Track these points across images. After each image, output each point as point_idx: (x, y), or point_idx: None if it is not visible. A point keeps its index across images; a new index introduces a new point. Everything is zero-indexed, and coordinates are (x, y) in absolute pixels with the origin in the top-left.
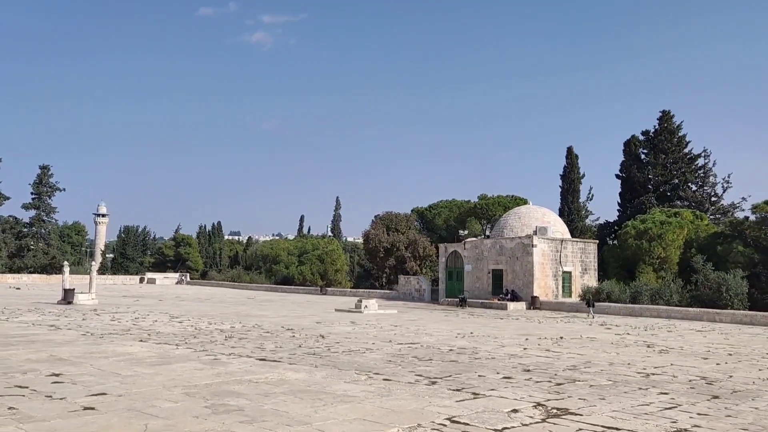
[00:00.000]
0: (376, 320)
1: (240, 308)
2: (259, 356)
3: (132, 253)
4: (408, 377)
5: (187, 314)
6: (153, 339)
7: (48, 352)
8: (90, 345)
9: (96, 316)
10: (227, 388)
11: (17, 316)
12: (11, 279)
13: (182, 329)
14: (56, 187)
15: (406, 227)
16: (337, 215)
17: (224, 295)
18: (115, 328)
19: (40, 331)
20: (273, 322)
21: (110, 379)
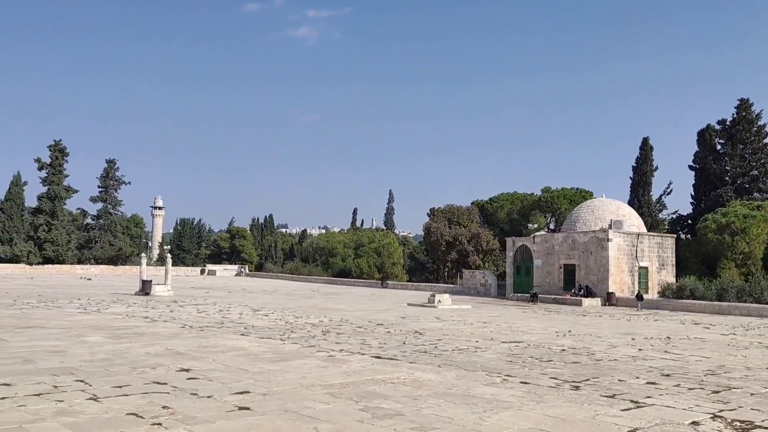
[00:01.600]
0: (458, 316)
1: (312, 301)
2: (372, 353)
3: (188, 245)
4: (543, 380)
5: (266, 307)
6: (253, 333)
7: (161, 345)
8: (197, 338)
9: (180, 308)
10: (367, 389)
11: (106, 307)
12: (80, 270)
13: (273, 323)
14: (122, 180)
15: (468, 220)
16: (390, 208)
17: (287, 287)
18: (208, 321)
19: (138, 323)
20: (357, 317)
21: (242, 376)
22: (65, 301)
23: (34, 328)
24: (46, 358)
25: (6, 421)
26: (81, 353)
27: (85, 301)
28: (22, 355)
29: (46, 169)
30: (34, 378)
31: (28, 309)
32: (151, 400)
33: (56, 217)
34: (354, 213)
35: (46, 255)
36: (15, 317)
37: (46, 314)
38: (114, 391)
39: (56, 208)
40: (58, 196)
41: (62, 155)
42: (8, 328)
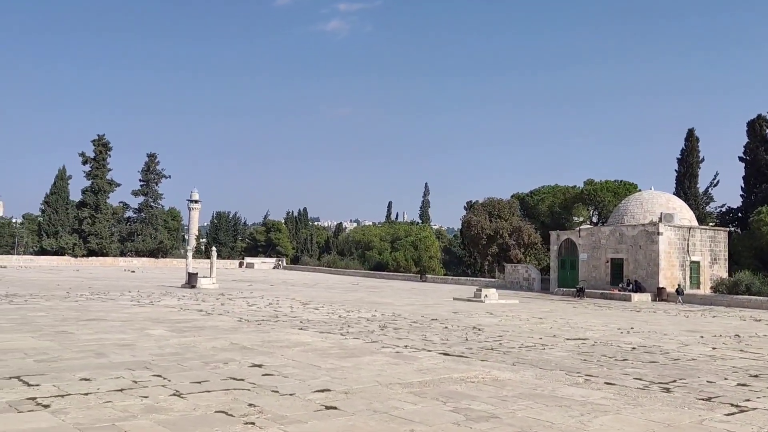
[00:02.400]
0: (508, 311)
1: (356, 294)
2: (439, 350)
3: (224, 237)
4: (627, 381)
5: (314, 300)
6: (311, 327)
7: (224, 339)
8: (257, 333)
9: (229, 301)
10: (449, 388)
11: (158, 300)
12: (123, 262)
13: (326, 317)
14: (162, 174)
15: (509, 214)
16: (426, 201)
17: (326, 280)
18: (262, 314)
19: (194, 316)
20: (407, 311)
21: (316, 372)
22: (116, 293)
23: (96, 321)
24: (116, 351)
25: (98, 418)
26: (149, 347)
27: (136, 293)
28: (93, 348)
29: (90, 164)
30: (111, 372)
31: (84, 301)
32: (234, 397)
33: (100, 211)
34: (389, 206)
35: (90, 247)
36: (74, 309)
37: (102, 306)
38: (194, 387)
39: (100, 201)
40: (102, 190)
41: (105, 149)
42: (71, 321)
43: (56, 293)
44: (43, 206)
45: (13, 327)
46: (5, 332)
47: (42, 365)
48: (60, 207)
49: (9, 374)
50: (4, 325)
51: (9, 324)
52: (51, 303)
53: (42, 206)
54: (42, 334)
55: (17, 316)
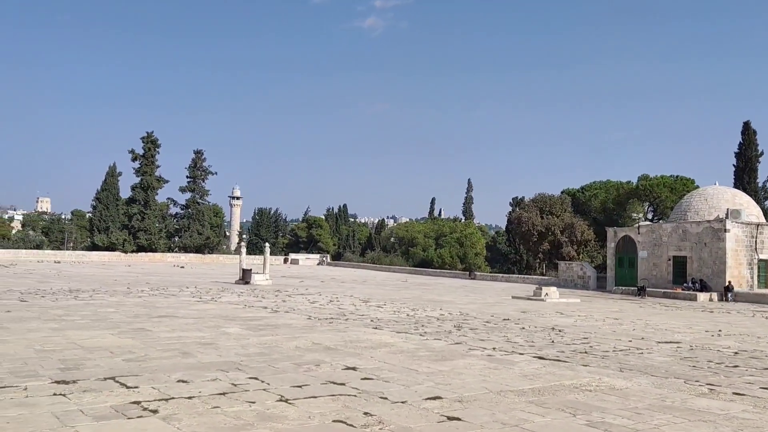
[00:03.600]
0: (576, 310)
1: (412, 292)
2: (531, 353)
3: (265, 234)
4: (755, 390)
5: (373, 298)
6: (385, 327)
7: (304, 338)
8: (334, 332)
9: (289, 297)
10: (567, 398)
11: (218, 296)
12: (171, 258)
13: (394, 315)
14: (209, 170)
15: (561, 210)
16: (469, 197)
17: (374, 277)
18: (329, 312)
19: (261, 313)
20: (473, 310)
21: (416, 377)
22: (175, 289)
23: (168, 318)
24: (201, 351)
25: (213, 426)
26: (231, 346)
27: (194, 289)
28: (176, 347)
29: (138, 160)
30: (204, 374)
31: (147, 297)
32: (344, 404)
33: (149, 207)
34: (432, 203)
35: (139, 243)
36: (141, 306)
37: (168, 303)
38: (297, 392)
39: (149, 197)
40: (151, 186)
41: (154, 146)
42: (143, 318)
43: (117, 289)
44: (94, 203)
45: (89, 324)
46: (83, 329)
47: (132, 365)
48: (110, 203)
49: (103, 375)
50: (80, 321)
51: (84, 320)
52: (116, 299)
53: (93, 203)
54: (120, 332)
55: (89, 312)
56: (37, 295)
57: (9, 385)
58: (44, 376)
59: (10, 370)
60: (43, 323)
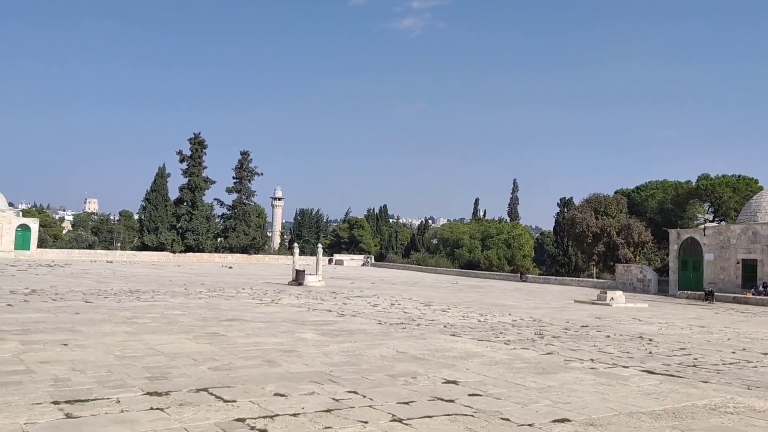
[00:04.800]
0: (656, 317)
1: (468, 295)
2: (637, 366)
3: (307, 234)
4: None
5: (433, 302)
6: (464, 334)
7: (384, 346)
8: (413, 339)
9: (348, 300)
10: (711, 422)
11: (278, 298)
12: (218, 258)
13: (465, 320)
14: (255, 171)
15: (617, 211)
16: (515, 198)
17: (422, 279)
18: (396, 316)
19: (328, 317)
20: (543, 315)
21: (527, 393)
22: (231, 290)
23: (238, 322)
24: (284, 359)
25: None
26: (314, 354)
27: (250, 290)
28: (257, 354)
29: (186, 161)
30: (298, 386)
31: (208, 298)
32: (465, 426)
33: (196, 207)
34: (475, 203)
35: (187, 243)
36: (205, 308)
37: (230, 305)
38: (407, 410)
39: (196, 198)
40: (198, 187)
41: (201, 147)
42: (212, 321)
43: (175, 290)
44: (144, 203)
45: (161, 327)
46: (157, 333)
47: (220, 375)
48: (160, 204)
49: (194, 386)
50: (151, 325)
51: (155, 324)
52: (178, 300)
53: (143, 203)
54: (195, 337)
55: (156, 315)
56: (100, 296)
57: (100, 397)
58: (134, 387)
59: (96, 379)
60: (116, 326)
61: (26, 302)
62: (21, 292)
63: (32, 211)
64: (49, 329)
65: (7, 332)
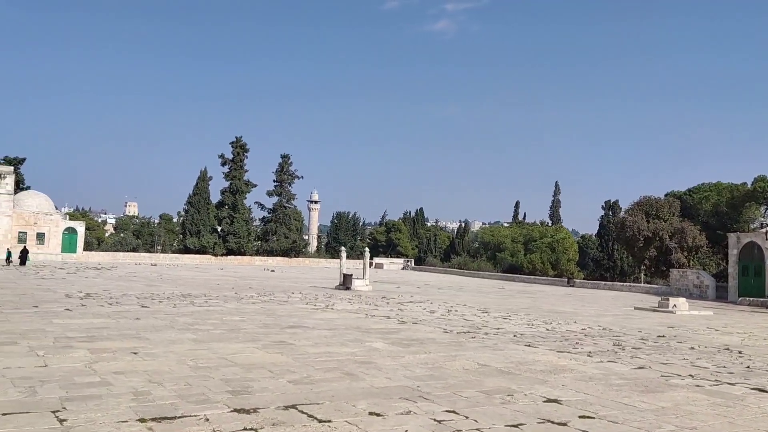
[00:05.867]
0: (727, 326)
1: (521, 300)
2: (745, 384)
3: (344, 237)
4: None
5: (490, 308)
6: (538, 344)
7: (463, 357)
8: (488, 349)
9: (401, 305)
10: None
11: (330, 303)
12: (259, 261)
13: (531, 329)
14: (295, 174)
15: (669, 214)
16: (556, 201)
17: (467, 283)
18: (460, 324)
19: (392, 325)
20: (610, 323)
21: (641, 416)
22: (281, 294)
23: (301, 329)
24: (364, 371)
25: None
26: (392, 366)
27: (300, 294)
28: (333, 366)
29: (228, 165)
30: (390, 403)
31: (261, 303)
32: None
33: (237, 211)
34: (516, 206)
35: (229, 247)
36: (262, 313)
37: (285, 310)
38: None
39: (237, 201)
40: (239, 190)
41: (243, 151)
42: (275, 328)
43: (225, 293)
44: (186, 206)
45: (225, 335)
46: (223, 341)
47: (303, 389)
48: (202, 207)
49: (281, 402)
50: (214, 332)
51: (218, 330)
52: (232, 305)
53: (185, 206)
54: (263, 345)
55: (216, 321)
56: (154, 300)
57: (186, 413)
58: (218, 402)
59: (177, 393)
60: (180, 333)
61: (84, 306)
62: (76, 296)
63: (76, 215)
64: (115, 336)
65: (74, 339)
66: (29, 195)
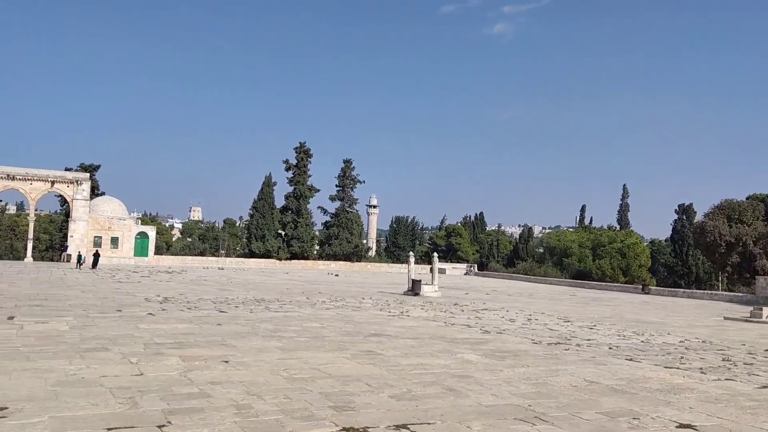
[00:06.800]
0: None
1: (600, 309)
2: None
3: (403, 242)
4: None
5: (570, 317)
6: (641, 358)
7: (564, 372)
8: (591, 364)
9: (476, 312)
10: None
11: (404, 310)
12: (322, 265)
13: (624, 341)
14: (357, 179)
15: (753, 218)
16: (625, 204)
17: (536, 289)
18: (547, 335)
19: (475, 335)
20: (705, 335)
21: None
22: (351, 299)
23: (385, 337)
24: (465, 386)
25: None
26: (492, 381)
27: (370, 300)
28: (430, 380)
29: (292, 170)
30: (507, 425)
31: (336, 309)
32: None
33: (301, 215)
34: (582, 210)
35: (292, 251)
36: (340, 320)
37: (362, 317)
38: None
39: (301, 206)
40: (303, 195)
41: (306, 156)
42: (357, 336)
43: (297, 298)
44: (251, 211)
45: (310, 343)
46: (310, 350)
47: (407, 406)
48: (266, 212)
49: (389, 421)
50: (298, 339)
51: (302, 338)
52: (308, 311)
53: (250, 211)
54: (352, 355)
55: (297, 327)
56: (230, 305)
57: (295, 431)
58: (323, 419)
59: (279, 408)
60: (265, 341)
61: (164, 311)
62: (154, 300)
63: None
64: (202, 343)
65: (163, 346)
66: (104, 200)
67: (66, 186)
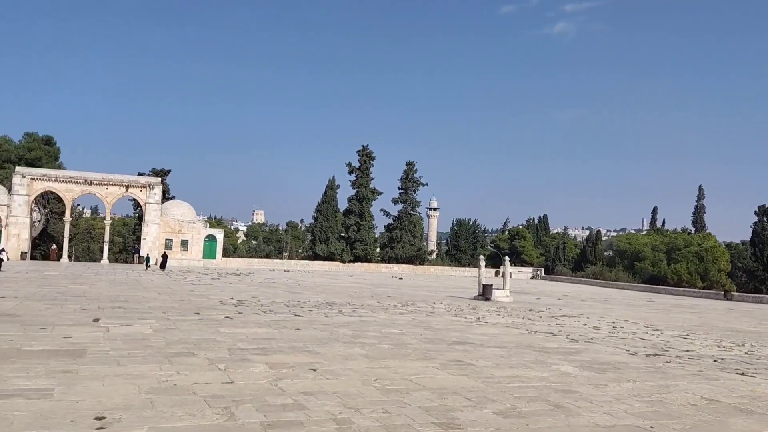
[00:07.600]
0: None
1: (684, 316)
2: None
3: (464, 245)
4: None
5: (656, 324)
6: (755, 372)
7: (676, 387)
8: (704, 380)
9: (556, 319)
10: None
11: (480, 316)
12: (385, 268)
13: (726, 352)
14: (419, 182)
15: None
16: (701, 206)
17: (609, 294)
18: (641, 345)
19: (562, 344)
20: None
21: None
22: (422, 304)
23: (470, 345)
24: (571, 403)
25: None
26: (602, 398)
27: (441, 305)
28: (532, 394)
29: (355, 173)
30: None
31: (409, 314)
32: None
33: (364, 218)
34: (653, 212)
35: (355, 253)
36: (418, 326)
37: (440, 323)
38: None
39: (364, 209)
40: (366, 198)
41: (369, 159)
42: (441, 344)
43: (368, 302)
44: (315, 214)
45: (394, 351)
46: (396, 358)
47: (515, 424)
48: (330, 215)
49: None
50: (381, 346)
51: (385, 345)
52: (382, 315)
53: (314, 214)
54: (442, 365)
55: (376, 333)
56: (304, 309)
57: None
58: None
59: (380, 423)
60: (347, 347)
61: (241, 314)
62: (229, 302)
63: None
64: (285, 349)
65: (247, 351)
66: (174, 204)
67: (139, 190)
